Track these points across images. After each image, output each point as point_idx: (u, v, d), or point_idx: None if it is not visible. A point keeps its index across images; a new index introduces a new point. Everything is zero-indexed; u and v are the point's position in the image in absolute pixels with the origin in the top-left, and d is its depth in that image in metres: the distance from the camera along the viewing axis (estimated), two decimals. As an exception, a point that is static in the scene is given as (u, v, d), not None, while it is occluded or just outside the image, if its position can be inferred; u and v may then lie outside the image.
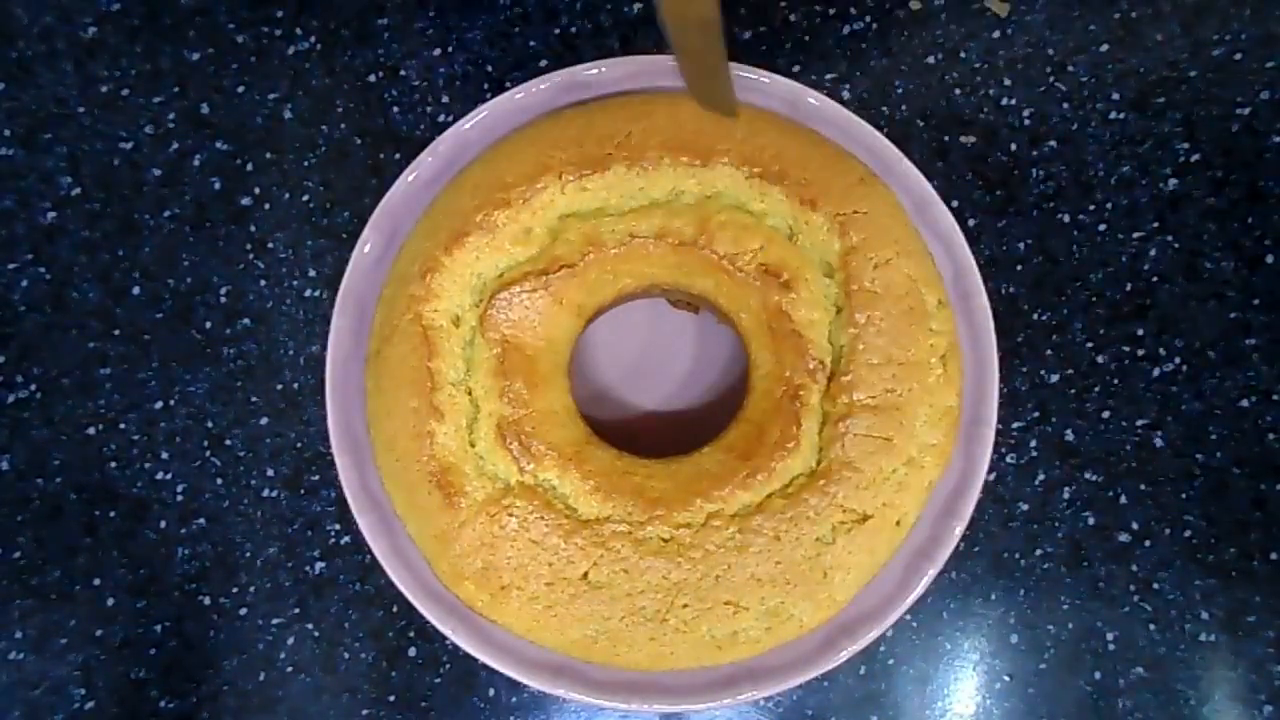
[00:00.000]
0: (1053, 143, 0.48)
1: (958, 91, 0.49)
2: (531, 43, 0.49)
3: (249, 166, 0.49)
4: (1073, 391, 0.47)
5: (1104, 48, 0.49)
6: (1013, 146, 0.48)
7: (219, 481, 0.48)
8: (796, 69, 0.49)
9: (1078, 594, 0.46)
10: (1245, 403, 0.47)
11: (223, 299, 0.49)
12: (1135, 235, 0.48)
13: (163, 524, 0.48)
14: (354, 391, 0.42)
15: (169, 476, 0.48)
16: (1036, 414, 0.47)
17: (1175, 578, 0.46)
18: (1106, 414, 0.47)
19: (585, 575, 0.38)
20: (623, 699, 0.40)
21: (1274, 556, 0.46)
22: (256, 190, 0.49)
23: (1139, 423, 0.47)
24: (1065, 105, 0.48)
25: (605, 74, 0.43)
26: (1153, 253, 0.48)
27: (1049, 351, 0.47)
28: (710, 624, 0.39)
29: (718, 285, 0.41)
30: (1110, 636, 0.46)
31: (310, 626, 0.47)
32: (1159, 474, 0.47)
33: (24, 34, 0.50)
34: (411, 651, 0.47)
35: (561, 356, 0.41)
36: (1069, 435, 0.47)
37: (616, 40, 0.49)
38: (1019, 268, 0.48)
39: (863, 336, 0.39)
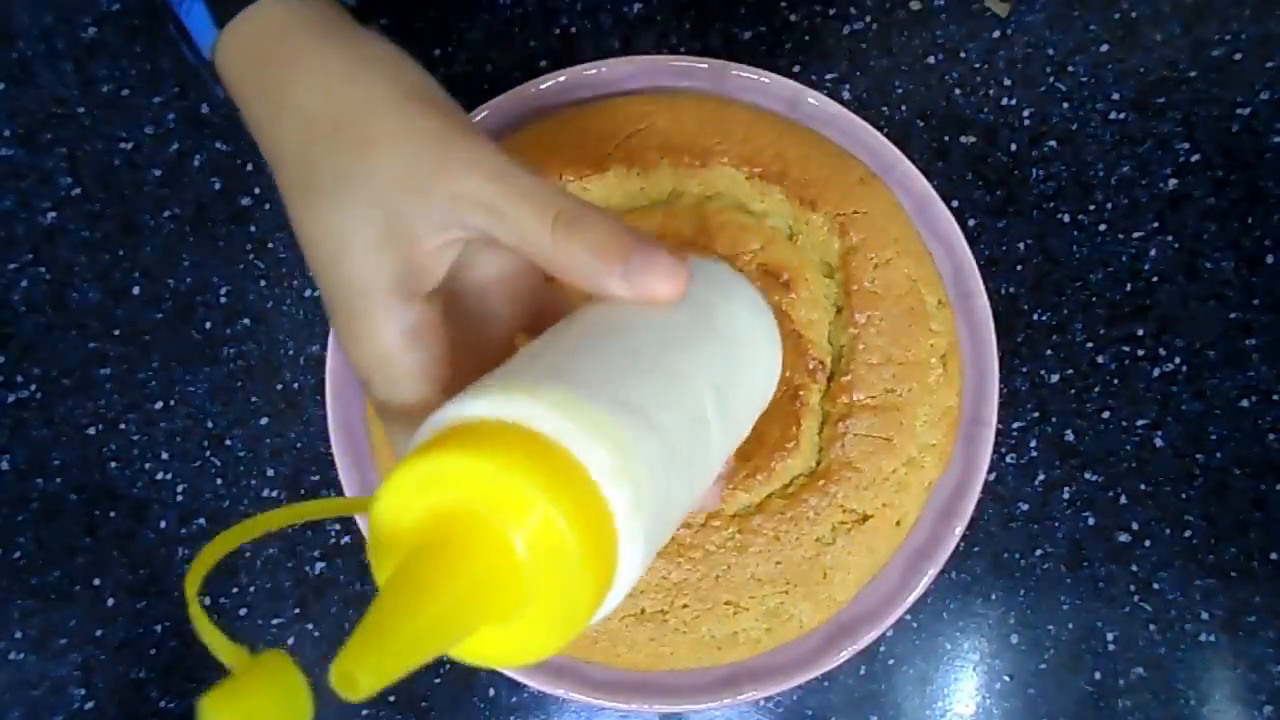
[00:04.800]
0: (1053, 143, 0.48)
1: (958, 91, 0.49)
2: (531, 43, 0.49)
3: (249, 166, 0.49)
4: (1073, 391, 0.47)
5: (1104, 48, 0.49)
6: (1013, 146, 0.48)
7: (219, 481, 0.48)
8: (796, 69, 0.49)
9: (1078, 594, 0.46)
10: (1245, 403, 0.47)
11: (223, 299, 0.49)
12: (1135, 235, 0.48)
13: (163, 524, 0.48)
14: (354, 391, 0.42)
15: (169, 476, 0.48)
16: (1036, 414, 0.47)
17: (1175, 578, 0.46)
18: (1106, 414, 0.47)
19: (585, 575, 0.38)
20: (623, 699, 0.40)
21: (1274, 556, 0.46)
22: (256, 190, 0.49)
23: (1139, 423, 0.47)
24: (1065, 105, 0.48)
25: (605, 74, 0.43)
26: (1153, 253, 0.48)
27: (1049, 351, 0.47)
28: (710, 624, 0.39)
29: (718, 285, 0.40)
30: (1110, 636, 0.46)
31: (310, 626, 0.47)
32: (1159, 474, 0.47)
33: (24, 34, 0.50)
34: (411, 651, 0.47)
35: (561, 356, 0.41)
36: (1069, 435, 0.47)
37: (616, 40, 0.49)
38: (1019, 268, 0.48)
39: (863, 336, 0.39)
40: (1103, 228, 0.48)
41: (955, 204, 0.48)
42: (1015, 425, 0.47)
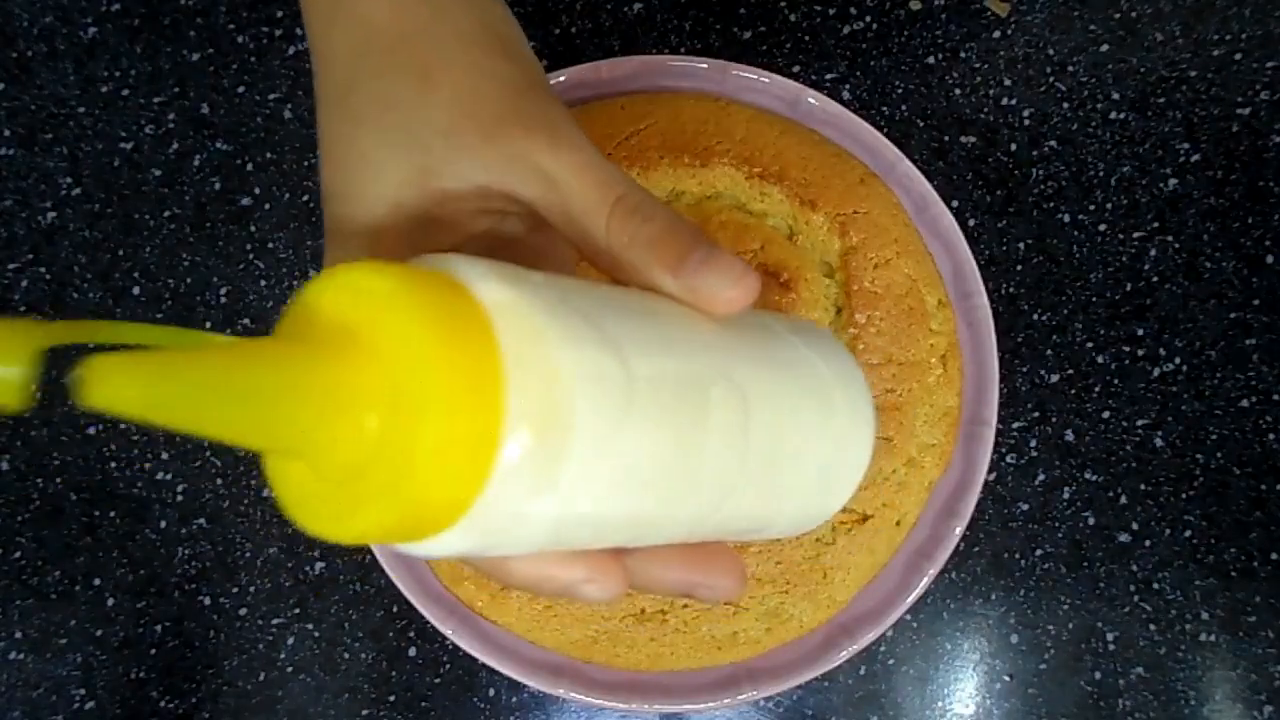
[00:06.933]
0: (1053, 143, 0.48)
1: (958, 91, 0.49)
2: (532, 43, 0.49)
3: (249, 166, 0.49)
4: (1073, 391, 0.47)
5: (1104, 48, 0.49)
6: (1013, 146, 0.48)
7: (219, 481, 0.48)
8: (796, 69, 0.49)
9: (1078, 594, 0.46)
10: (1245, 403, 0.47)
11: (223, 299, 0.49)
12: (1135, 235, 0.48)
13: (163, 524, 0.48)
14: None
15: (169, 476, 0.48)
16: (1036, 414, 0.47)
17: (1175, 578, 0.46)
18: (1106, 414, 0.47)
19: (585, 575, 0.38)
20: (623, 699, 0.40)
21: (1274, 556, 0.46)
22: (256, 190, 0.49)
23: (1139, 423, 0.47)
24: (1065, 105, 0.48)
25: (605, 74, 0.43)
26: (1153, 253, 0.48)
27: (1049, 351, 0.47)
28: (710, 624, 0.39)
29: (718, 285, 0.40)
30: (1110, 636, 0.46)
31: (310, 626, 0.47)
32: (1159, 474, 0.47)
33: (24, 34, 0.50)
34: (411, 651, 0.47)
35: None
36: (1069, 435, 0.47)
37: (616, 40, 0.49)
38: (1019, 268, 0.48)
39: (863, 336, 0.39)
40: (1103, 228, 0.48)
41: (955, 204, 0.48)
42: (1015, 425, 0.47)
